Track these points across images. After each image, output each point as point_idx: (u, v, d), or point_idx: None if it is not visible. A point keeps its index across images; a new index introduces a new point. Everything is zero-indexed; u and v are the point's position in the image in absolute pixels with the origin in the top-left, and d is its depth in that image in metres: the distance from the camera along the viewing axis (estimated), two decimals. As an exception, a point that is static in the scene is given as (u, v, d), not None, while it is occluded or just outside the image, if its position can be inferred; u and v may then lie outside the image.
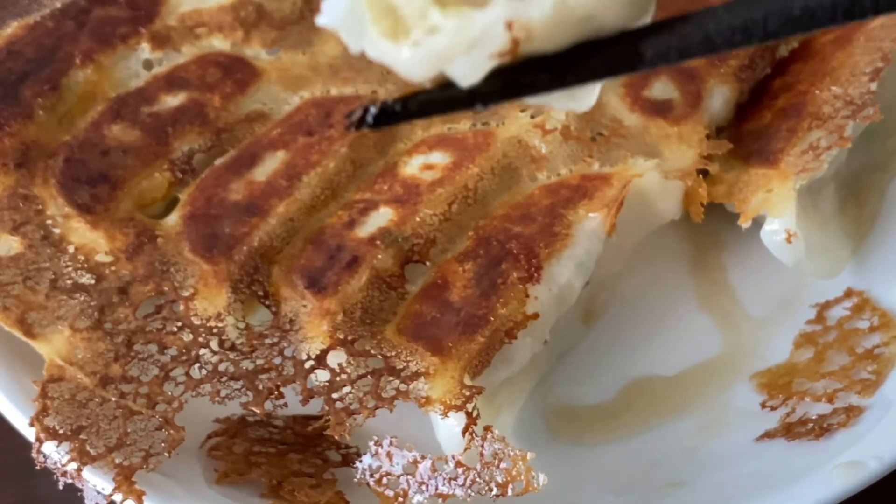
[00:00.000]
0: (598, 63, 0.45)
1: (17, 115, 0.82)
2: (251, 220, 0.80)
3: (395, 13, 0.43)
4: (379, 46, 0.44)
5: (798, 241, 0.79)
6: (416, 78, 0.45)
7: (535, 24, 0.42)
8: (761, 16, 0.44)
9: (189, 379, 0.74)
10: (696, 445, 0.83)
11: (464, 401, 0.72)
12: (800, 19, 0.43)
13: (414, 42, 0.43)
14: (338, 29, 0.45)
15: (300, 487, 0.75)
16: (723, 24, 0.44)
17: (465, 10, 0.42)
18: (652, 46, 0.45)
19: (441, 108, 0.45)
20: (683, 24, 0.45)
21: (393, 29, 0.44)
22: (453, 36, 0.42)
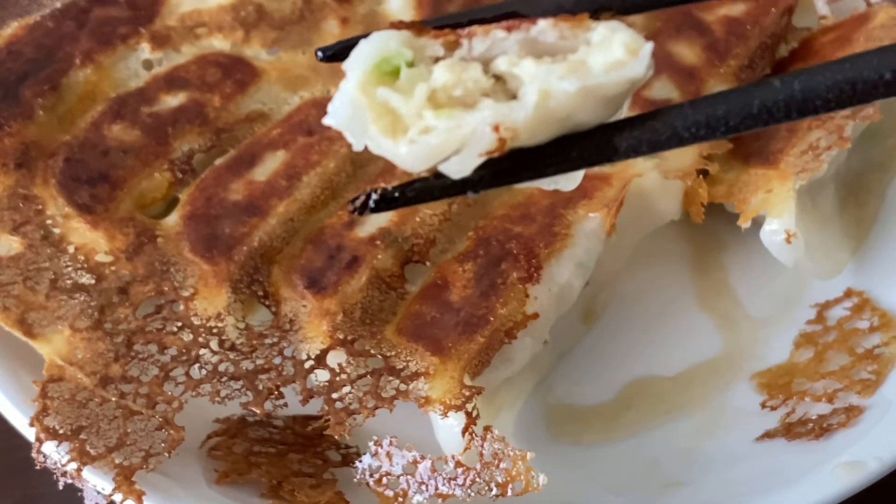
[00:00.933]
0: (577, 155, 0.49)
1: (17, 115, 0.82)
2: (251, 220, 0.80)
3: (393, 113, 0.47)
4: (379, 143, 0.48)
5: (798, 242, 0.79)
6: (413, 170, 0.49)
7: (520, 125, 0.46)
8: (723, 112, 0.48)
9: (189, 379, 0.74)
10: (696, 445, 0.83)
11: (463, 401, 0.72)
12: (758, 115, 0.48)
13: (410, 140, 0.47)
14: (343, 129, 0.48)
15: (300, 487, 0.75)
16: (689, 120, 0.48)
17: (457, 112, 0.47)
18: (625, 140, 0.48)
19: (436, 194, 0.49)
20: (653, 120, 0.48)
21: (392, 127, 0.48)
22: (445, 135, 0.46)
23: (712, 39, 0.90)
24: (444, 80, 0.48)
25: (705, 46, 0.89)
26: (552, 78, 0.47)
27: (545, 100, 0.47)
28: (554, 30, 0.48)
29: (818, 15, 0.96)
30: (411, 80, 0.48)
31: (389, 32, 0.49)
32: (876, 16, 0.90)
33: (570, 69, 0.47)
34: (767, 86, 0.48)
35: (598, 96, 0.48)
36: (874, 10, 0.91)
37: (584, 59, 0.47)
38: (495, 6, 0.52)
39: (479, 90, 0.48)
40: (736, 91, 0.49)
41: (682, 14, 0.92)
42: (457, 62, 0.48)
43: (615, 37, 0.48)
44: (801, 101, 0.48)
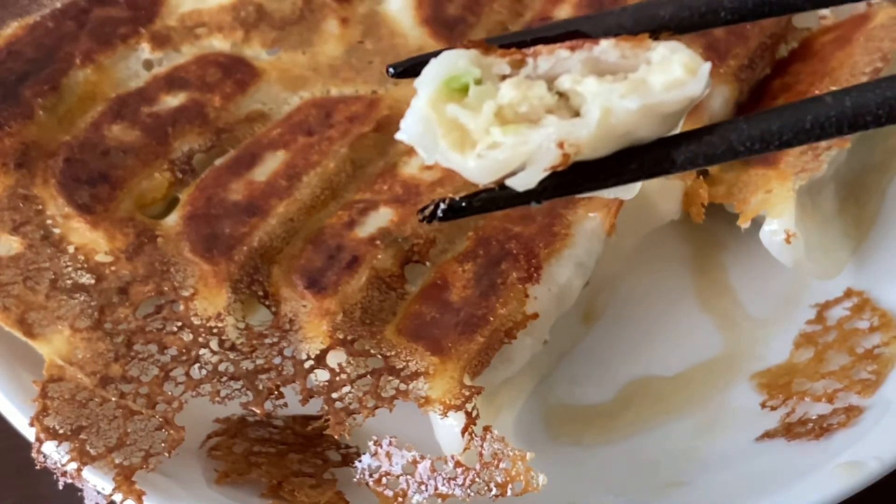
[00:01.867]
0: (636, 167, 0.51)
1: (17, 115, 0.82)
2: (251, 220, 0.80)
3: (462, 129, 0.50)
4: (449, 157, 0.50)
5: (797, 242, 0.79)
6: (480, 182, 0.51)
7: (583, 141, 0.48)
8: (777, 128, 0.50)
9: (189, 379, 0.74)
10: (696, 445, 0.83)
11: (463, 401, 0.72)
12: (810, 130, 0.50)
13: (478, 155, 0.49)
14: (414, 144, 0.50)
15: (300, 487, 0.75)
16: (744, 134, 0.50)
17: (523, 129, 0.49)
18: (683, 153, 0.51)
19: (501, 205, 0.52)
20: (710, 134, 0.51)
21: (461, 142, 0.50)
22: (512, 151, 0.49)
23: (712, 39, 0.89)
24: (510, 98, 0.49)
25: (705, 46, 0.89)
26: (614, 96, 0.48)
27: (607, 117, 0.49)
28: (615, 49, 0.50)
29: (818, 15, 0.96)
30: (479, 98, 0.50)
31: (458, 51, 0.50)
32: (876, 16, 0.90)
33: (631, 88, 0.49)
34: (820, 102, 0.50)
35: (657, 113, 0.49)
36: (874, 10, 0.91)
37: (645, 77, 0.49)
38: (560, 24, 0.54)
39: (544, 107, 0.50)
40: (790, 107, 0.50)
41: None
42: (522, 80, 0.50)
43: (674, 57, 0.49)
44: (852, 117, 0.49)
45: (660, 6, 0.53)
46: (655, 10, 0.53)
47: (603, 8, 0.90)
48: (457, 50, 0.50)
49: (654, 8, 0.53)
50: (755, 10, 0.52)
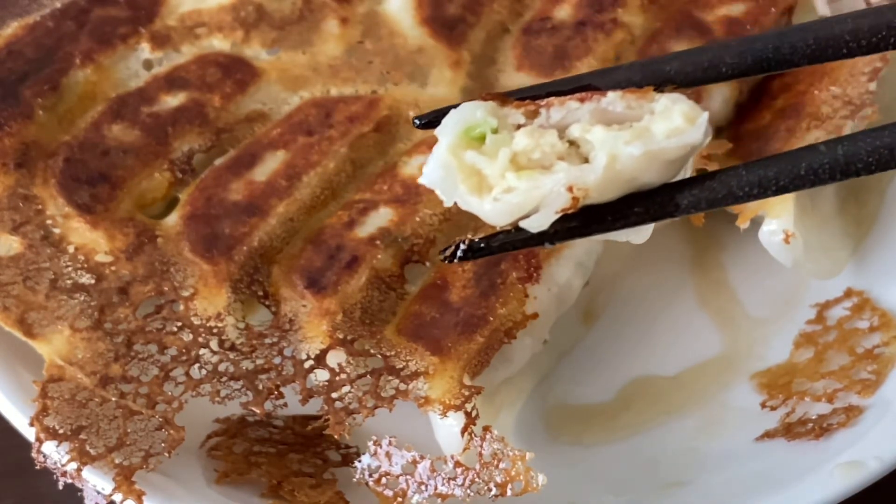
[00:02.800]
0: (642, 211, 0.54)
1: (17, 115, 0.82)
2: (251, 220, 0.80)
3: (479, 174, 0.53)
4: (467, 200, 0.54)
5: (796, 242, 0.79)
6: (496, 224, 0.55)
7: (591, 185, 0.52)
8: (774, 174, 0.53)
9: (189, 379, 0.74)
10: (696, 445, 0.83)
11: (463, 401, 0.72)
12: (805, 176, 0.53)
13: (495, 198, 0.53)
14: (435, 188, 0.54)
15: (300, 487, 0.76)
16: (743, 181, 0.54)
17: (536, 174, 0.52)
18: (686, 198, 0.54)
19: (518, 245, 0.55)
20: (711, 180, 0.54)
21: (478, 186, 0.53)
22: (525, 195, 0.52)
23: (712, 39, 0.89)
24: (524, 145, 0.53)
25: (705, 48, 0.89)
26: (619, 143, 0.52)
27: (613, 162, 0.52)
28: (622, 101, 0.54)
29: (818, 15, 0.96)
30: (495, 145, 0.53)
31: (477, 103, 0.54)
32: (876, 16, 0.90)
33: (635, 135, 0.52)
34: (814, 150, 0.53)
35: (660, 159, 0.53)
36: (874, 10, 0.91)
37: (648, 126, 0.53)
38: (572, 80, 0.57)
39: (555, 154, 0.53)
40: (786, 155, 0.54)
41: (681, 14, 0.92)
42: (535, 129, 0.53)
43: (675, 107, 0.53)
44: (844, 165, 0.53)
45: (666, 62, 0.56)
46: (662, 66, 0.56)
47: (603, 8, 0.90)
48: (476, 101, 0.54)
49: (661, 63, 0.56)
50: (754, 65, 0.55)
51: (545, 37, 0.90)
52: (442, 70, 0.88)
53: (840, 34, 0.54)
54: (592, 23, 0.90)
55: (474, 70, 0.90)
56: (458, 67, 0.89)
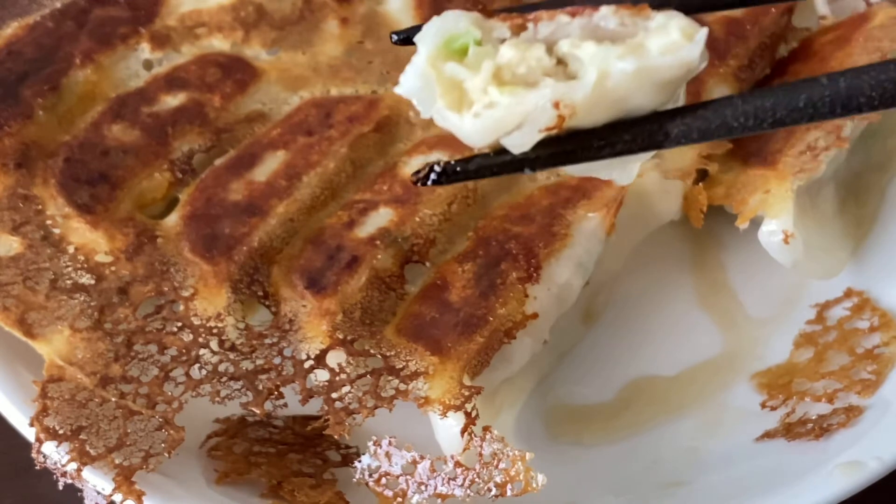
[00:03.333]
0: (630, 138, 0.51)
1: (17, 115, 0.82)
2: (251, 220, 0.80)
3: (460, 88, 0.50)
4: (445, 116, 0.51)
5: (796, 242, 0.79)
6: (475, 144, 0.52)
7: (578, 102, 0.49)
8: (771, 104, 0.51)
9: (189, 379, 0.74)
10: (696, 445, 0.83)
11: (463, 401, 0.72)
12: (803, 109, 0.50)
13: (475, 114, 0.50)
14: (412, 98, 0.51)
15: (300, 487, 0.76)
16: (738, 110, 0.51)
17: (519, 90, 0.49)
18: (677, 126, 0.51)
19: (495, 170, 0.52)
20: (705, 109, 0.51)
21: (458, 101, 0.51)
22: (508, 110, 0.49)
23: (712, 39, 0.88)
24: (509, 58, 0.50)
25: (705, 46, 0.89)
26: (611, 58, 0.49)
27: (604, 79, 0.49)
28: (615, 16, 0.50)
29: (818, 15, 0.96)
30: (478, 58, 0.50)
31: (459, 12, 0.51)
32: (875, 16, 0.90)
33: (628, 50, 0.49)
34: (815, 82, 0.50)
35: (653, 80, 0.50)
36: (874, 10, 0.91)
37: (642, 42, 0.50)
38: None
39: (542, 70, 0.50)
40: (784, 86, 0.51)
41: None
42: (522, 41, 0.50)
43: (672, 22, 0.50)
44: (846, 98, 0.50)
45: None
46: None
47: (603, 7, 0.90)
48: (458, 11, 0.51)
49: None
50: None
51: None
52: (442, 70, 0.88)
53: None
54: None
55: (474, 70, 0.89)
56: (458, 67, 0.88)
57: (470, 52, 0.51)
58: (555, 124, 0.50)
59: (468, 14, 0.51)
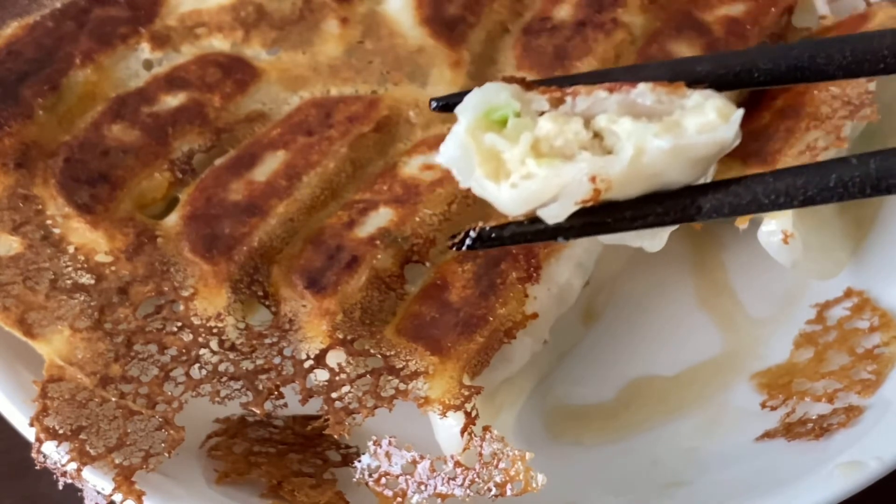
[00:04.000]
0: (662, 211, 0.52)
1: (17, 115, 0.82)
2: (251, 220, 0.80)
3: (498, 158, 0.51)
4: (483, 184, 0.52)
5: (795, 242, 0.79)
6: (511, 213, 0.53)
7: (614, 177, 0.50)
8: (802, 183, 0.51)
9: (189, 379, 0.74)
10: (697, 445, 0.83)
11: (462, 401, 0.72)
12: (833, 188, 0.51)
13: (512, 184, 0.51)
14: (451, 167, 0.52)
15: (300, 487, 0.76)
16: (769, 187, 0.52)
17: (557, 162, 0.50)
18: (709, 201, 0.52)
19: (529, 238, 0.53)
20: (737, 185, 0.52)
21: (496, 171, 0.52)
22: (545, 182, 0.50)
23: (712, 39, 0.89)
24: (547, 131, 0.51)
25: (705, 46, 0.89)
26: (648, 135, 0.50)
27: (639, 155, 0.50)
28: (652, 93, 0.52)
29: (818, 15, 0.96)
30: (517, 129, 0.51)
31: (500, 84, 0.52)
32: (875, 16, 0.90)
33: (665, 128, 0.50)
34: (845, 163, 0.51)
35: (688, 157, 0.51)
36: (874, 9, 0.91)
37: (679, 120, 0.51)
38: (599, 74, 0.56)
39: (579, 143, 0.51)
40: (815, 165, 0.52)
41: (682, 14, 0.92)
42: (560, 115, 0.52)
43: (708, 102, 0.51)
44: (876, 180, 0.51)
45: (697, 62, 0.55)
46: (693, 66, 0.54)
47: (603, 8, 0.90)
48: (499, 83, 0.52)
49: (692, 64, 0.55)
50: (788, 73, 0.54)
51: (545, 37, 0.90)
52: (442, 70, 0.88)
53: (879, 48, 0.53)
54: (592, 23, 0.90)
55: (474, 70, 0.90)
56: (458, 67, 0.89)
57: (509, 123, 0.52)
58: (590, 197, 0.51)
59: (508, 86, 0.52)
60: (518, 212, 0.52)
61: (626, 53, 0.90)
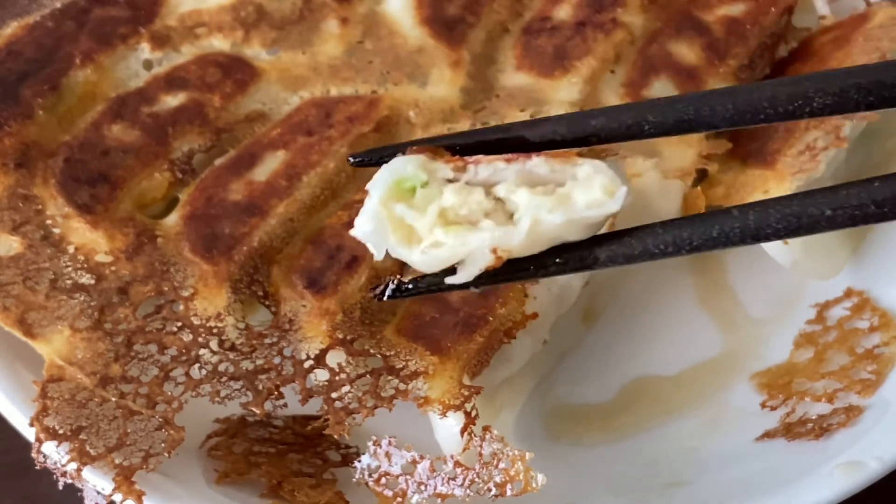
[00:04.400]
0: (562, 262, 0.57)
1: (17, 115, 0.82)
2: (251, 220, 0.80)
3: (409, 226, 0.56)
4: (397, 250, 0.57)
5: (794, 242, 0.79)
6: (427, 271, 0.57)
7: (514, 246, 0.55)
8: (687, 235, 0.56)
9: (189, 379, 0.74)
10: (697, 445, 0.83)
11: (462, 400, 0.72)
12: (717, 238, 0.55)
13: (423, 251, 0.56)
14: (366, 240, 0.57)
15: (300, 487, 0.76)
16: (658, 239, 0.56)
17: (463, 231, 0.55)
18: (605, 252, 0.57)
19: (444, 288, 0.58)
20: (629, 236, 0.57)
21: (408, 237, 0.56)
22: (452, 251, 0.55)
23: (712, 39, 0.90)
24: (452, 202, 0.55)
25: (705, 46, 0.89)
26: (542, 210, 0.55)
27: (536, 226, 0.55)
28: (546, 165, 0.56)
29: (818, 15, 0.96)
30: (425, 199, 0.56)
31: (408, 157, 0.57)
32: (875, 16, 0.90)
33: (557, 203, 0.55)
34: (727, 214, 0.56)
35: (580, 225, 0.56)
36: (873, 9, 0.91)
37: (570, 193, 0.55)
38: (500, 128, 0.59)
39: (482, 210, 0.56)
40: (700, 216, 0.57)
41: (681, 14, 0.92)
42: (463, 186, 0.56)
43: (596, 179, 0.55)
44: (754, 230, 0.55)
45: (592, 117, 0.58)
46: (587, 120, 0.58)
47: (603, 8, 0.90)
48: (406, 156, 0.57)
49: (587, 118, 0.58)
50: (675, 126, 0.57)
51: (545, 37, 0.90)
52: (442, 70, 0.88)
53: (758, 101, 0.56)
54: (592, 23, 0.90)
55: (474, 70, 0.90)
56: (458, 67, 0.89)
57: (417, 193, 0.56)
58: (494, 264, 0.55)
59: (414, 158, 0.56)
60: (432, 271, 0.57)
61: (627, 53, 0.90)
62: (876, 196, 0.54)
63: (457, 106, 0.87)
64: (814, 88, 0.54)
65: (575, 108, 0.86)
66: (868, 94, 0.54)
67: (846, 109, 0.54)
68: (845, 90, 0.54)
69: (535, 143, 0.57)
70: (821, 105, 0.54)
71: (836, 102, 0.54)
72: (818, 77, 0.55)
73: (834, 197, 0.54)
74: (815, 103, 0.54)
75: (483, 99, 0.88)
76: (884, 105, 0.54)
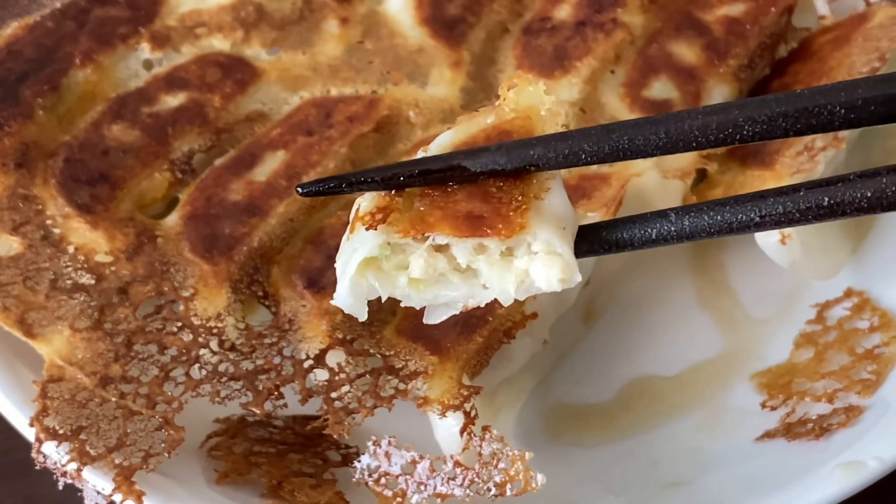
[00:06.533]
0: None
1: (17, 115, 0.82)
2: (251, 220, 0.80)
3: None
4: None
5: (793, 243, 0.80)
6: None
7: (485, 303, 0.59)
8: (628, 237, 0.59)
9: (189, 379, 0.74)
10: (697, 445, 0.83)
11: (462, 400, 0.72)
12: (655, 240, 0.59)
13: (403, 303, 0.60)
14: (349, 311, 0.60)
15: (300, 487, 0.75)
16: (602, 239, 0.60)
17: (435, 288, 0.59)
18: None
19: None
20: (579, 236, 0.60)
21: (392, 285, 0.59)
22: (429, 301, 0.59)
23: (712, 39, 0.90)
24: (419, 272, 0.58)
25: (705, 46, 0.89)
26: (508, 286, 0.58)
27: (503, 294, 0.58)
28: (500, 244, 0.57)
29: (818, 15, 0.96)
30: (394, 266, 0.58)
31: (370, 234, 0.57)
32: (875, 15, 0.90)
33: (518, 281, 0.58)
34: (665, 218, 0.59)
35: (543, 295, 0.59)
36: (873, 9, 0.91)
37: (528, 269, 0.57)
38: (442, 158, 0.60)
39: (450, 270, 0.58)
40: (640, 218, 0.60)
41: (681, 14, 0.92)
42: (428, 254, 0.58)
43: (553, 269, 0.57)
44: (689, 233, 0.59)
45: (530, 146, 0.59)
46: (526, 149, 0.58)
47: (603, 8, 0.90)
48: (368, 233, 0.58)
49: (525, 147, 0.59)
50: (611, 154, 0.59)
51: (545, 37, 0.90)
52: (442, 70, 0.88)
53: (690, 129, 0.57)
54: (592, 23, 0.90)
55: (474, 70, 0.90)
56: (458, 67, 0.89)
57: (385, 265, 0.58)
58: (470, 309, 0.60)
59: (376, 235, 0.57)
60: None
61: (626, 53, 0.90)
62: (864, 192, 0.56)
63: (457, 106, 0.87)
64: (743, 117, 0.57)
65: (575, 107, 0.86)
66: (795, 121, 0.56)
67: (775, 136, 0.57)
68: (773, 118, 0.56)
69: (475, 173, 0.58)
70: (750, 133, 0.57)
71: (764, 130, 0.56)
72: (747, 105, 0.57)
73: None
74: (744, 131, 0.57)
75: (483, 99, 0.88)
76: (809, 132, 0.56)
